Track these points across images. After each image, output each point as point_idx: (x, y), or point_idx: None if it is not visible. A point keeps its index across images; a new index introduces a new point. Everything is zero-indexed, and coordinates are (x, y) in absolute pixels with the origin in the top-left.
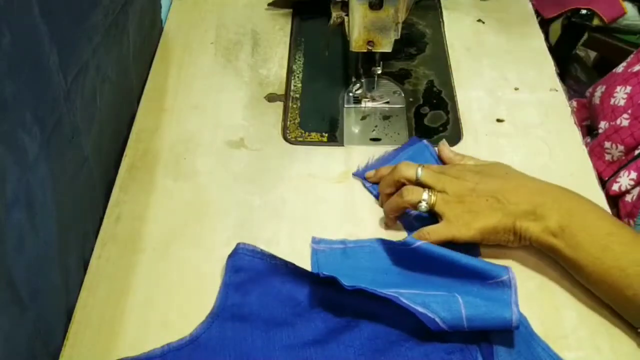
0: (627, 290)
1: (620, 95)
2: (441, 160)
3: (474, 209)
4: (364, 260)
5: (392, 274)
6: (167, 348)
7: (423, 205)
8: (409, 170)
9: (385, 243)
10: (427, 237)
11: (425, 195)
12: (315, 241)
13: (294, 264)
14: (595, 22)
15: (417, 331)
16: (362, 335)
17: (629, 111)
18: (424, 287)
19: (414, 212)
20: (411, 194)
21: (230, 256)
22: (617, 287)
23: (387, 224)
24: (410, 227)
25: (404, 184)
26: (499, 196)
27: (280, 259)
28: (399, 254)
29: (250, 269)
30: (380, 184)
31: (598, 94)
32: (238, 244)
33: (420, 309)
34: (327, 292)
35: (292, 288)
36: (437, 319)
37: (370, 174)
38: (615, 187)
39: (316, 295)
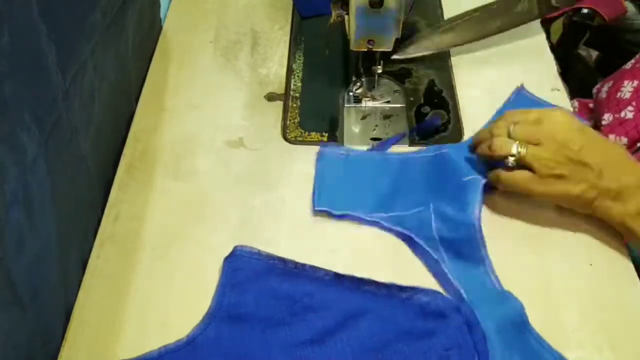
0: None
1: (627, 89)
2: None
3: (561, 172)
4: (363, 169)
5: (385, 184)
6: (164, 350)
7: (511, 161)
8: (499, 129)
9: (385, 155)
10: (513, 181)
11: (514, 149)
12: (323, 144)
13: (292, 261)
14: (597, 21)
15: (415, 328)
16: (359, 333)
17: (634, 103)
18: (407, 199)
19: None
20: (501, 147)
21: (227, 258)
22: None
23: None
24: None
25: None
26: (591, 164)
27: (278, 258)
28: (395, 164)
29: (247, 269)
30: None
31: (605, 89)
32: (236, 247)
33: (399, 229)
34: (325, 290)
35: (290, 287)
36: (412, 235)
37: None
38: None
39: (313, 293)
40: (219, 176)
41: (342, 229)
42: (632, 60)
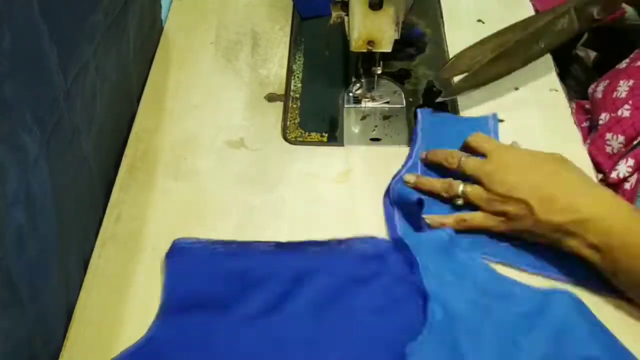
0: None
1: (623, 88)
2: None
3: (508, 210)
4: None
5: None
6: (124, 354)
7: (460, 201)
8: (453, 158)
9: None
10: (465, 223)
11: (460, 189)
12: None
13: (234, 241)
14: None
15: (359, 275)
16: (311, 292)
17: (630, 102)
18: None
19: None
20: (448, 190)
21: (167, 253)
22: None
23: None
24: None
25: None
26: (535, 203)
27: (220, 241)
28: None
29: (189, 259)
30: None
31: (600, 88)
32: (174, 241)
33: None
34: (270, 260)
35: (236, 265)
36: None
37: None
38: (614, 175)
39: (260, 265)
40: (219, 176)
41: (342, 229)
42: (627, 60)
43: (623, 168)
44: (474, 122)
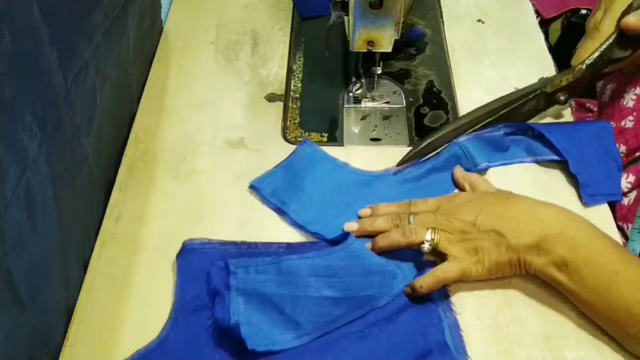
0: (631, 328)
1: (630, 96)
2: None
3: (478, 246)
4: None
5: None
6: (137, 355)
7: (426, 247)
8: (402, 216)
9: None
10: (438, 278)
11: (428, 235)
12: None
13: (245, 242)
14: None
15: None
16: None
17: (634, 113)
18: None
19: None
20: (414, 234)
21: (178, 254)
22: (621, 325)
23: (375, 249)
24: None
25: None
26: (502, 229)
27: (230, 242)
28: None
29: (201, 260)
30: (374, 221)
31: (609, 92)
32: (184, 242)
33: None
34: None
35: None
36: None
37: (364, 211)
38: None
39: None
40: (219, 176)
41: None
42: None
43: (623, 183)
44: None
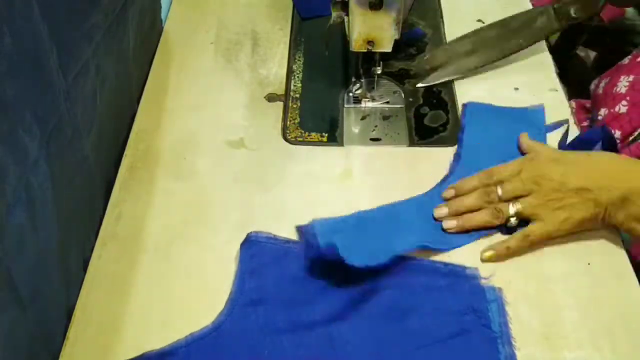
0: None
1: (623, 83)
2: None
3: (566, 204)
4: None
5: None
6: (190, 338)
7: (513, 221)
8: (489, 190)
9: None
10: (526, 240)
11: (512, 210)
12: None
13: None
14: (595, 21)
15: (430, 296)
16: (380, 304)
17: (628, 98)
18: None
19: None
20: (499, 215)
21: (242, 244)
22: None
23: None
24: None
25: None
26: (589, 185)
27: (294, 241)
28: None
29: (263, 254)
30: (463, 201)
31: (602, 85)
32: (250, 233)
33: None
34: (342, 267)
35: (308, 267)
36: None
37: (448, 192)
38: None
39: (332, 271)
40: (219, 176)
41: None
42: (630, 56)
43: None
44: (523, 113)
